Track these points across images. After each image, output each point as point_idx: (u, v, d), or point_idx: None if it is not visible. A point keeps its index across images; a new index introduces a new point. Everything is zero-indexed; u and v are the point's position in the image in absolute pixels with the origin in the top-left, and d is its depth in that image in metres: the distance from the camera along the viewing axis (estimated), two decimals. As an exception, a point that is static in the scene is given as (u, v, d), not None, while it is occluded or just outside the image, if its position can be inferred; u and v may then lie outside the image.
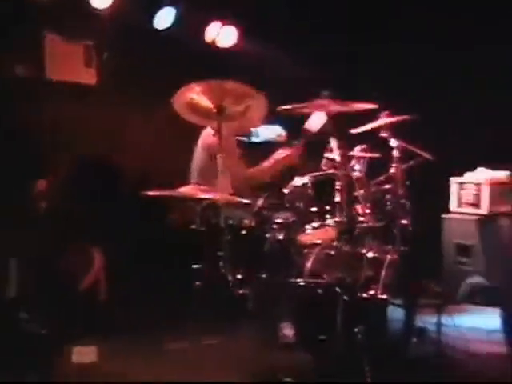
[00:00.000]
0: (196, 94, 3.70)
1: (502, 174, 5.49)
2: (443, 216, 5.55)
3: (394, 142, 4.27)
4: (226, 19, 5.67)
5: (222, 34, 5.69)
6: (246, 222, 4.06)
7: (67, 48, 5.30)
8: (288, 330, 4.01)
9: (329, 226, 3.75)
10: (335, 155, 3.54)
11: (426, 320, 4.09)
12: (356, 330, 3.51)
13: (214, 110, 3.67)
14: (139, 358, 3.97)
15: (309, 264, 3.95)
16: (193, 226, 3.95)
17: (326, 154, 3.85)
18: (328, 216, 3.77)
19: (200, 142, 4.64)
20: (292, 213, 4.00)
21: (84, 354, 3.92)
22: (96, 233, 4.76)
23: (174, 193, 3.61)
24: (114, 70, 5.37)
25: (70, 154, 5.12)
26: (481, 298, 5.04)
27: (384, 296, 3.71)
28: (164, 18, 5.36)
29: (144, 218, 5.01)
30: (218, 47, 5.70)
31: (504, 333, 3.56)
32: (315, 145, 4.38)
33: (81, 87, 5.34)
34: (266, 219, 4.04)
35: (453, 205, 5.54)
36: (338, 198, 3.52)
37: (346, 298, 3.51)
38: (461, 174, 5.59)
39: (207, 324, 4.06)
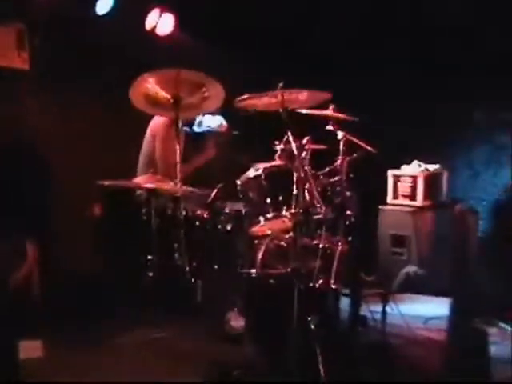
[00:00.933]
0: (151, 85, 3.63)
1: (434, 167, 5.69)
2: (380, 208, 5.69)
3: (340, 135, 4.36)
4: (164, 6, 5.58)
5: (161, 22, 5.60)
6: (199, 212, 4.03)
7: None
8: (238, 321, 4.03)
9: (284, 217, 3.76)
10: (292, 147, 3.54)
11: (370, 309, 4.22)
12: (309, 319, 3.56)
13: (171, 101, 3.61)
14: (85, 353, 3.89)
15: (259, 255, 3.98)
16: (144, 218, 3.89)
17: (281, 146, 3.86)
18: (284, 207, 3.79)
19: (148, 131, 4.55)
20: (245, 204, 4.00)
21: (30, 350, 3.79)
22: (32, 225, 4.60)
23: (130, 183, 3.54)
24: (49, 54, 5.16)
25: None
26: (416, 286, 5.22)
27: (335, 286, 3.78)
28: (103, 3, 5.22)
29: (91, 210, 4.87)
30: (156, 35, 5.60)
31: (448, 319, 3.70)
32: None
33: (13, 72, 5.10)
34: (219, 210, 4.03)
35: (389, 197, 5.69)
36: (294, 190, 3.53)
37: (301, 287, 3.53)
38: (399, 168, 5.74)
39: (158, 317, 4.03)
